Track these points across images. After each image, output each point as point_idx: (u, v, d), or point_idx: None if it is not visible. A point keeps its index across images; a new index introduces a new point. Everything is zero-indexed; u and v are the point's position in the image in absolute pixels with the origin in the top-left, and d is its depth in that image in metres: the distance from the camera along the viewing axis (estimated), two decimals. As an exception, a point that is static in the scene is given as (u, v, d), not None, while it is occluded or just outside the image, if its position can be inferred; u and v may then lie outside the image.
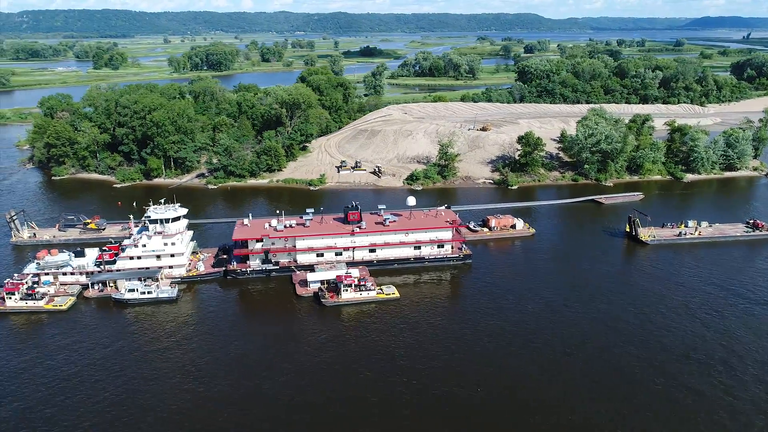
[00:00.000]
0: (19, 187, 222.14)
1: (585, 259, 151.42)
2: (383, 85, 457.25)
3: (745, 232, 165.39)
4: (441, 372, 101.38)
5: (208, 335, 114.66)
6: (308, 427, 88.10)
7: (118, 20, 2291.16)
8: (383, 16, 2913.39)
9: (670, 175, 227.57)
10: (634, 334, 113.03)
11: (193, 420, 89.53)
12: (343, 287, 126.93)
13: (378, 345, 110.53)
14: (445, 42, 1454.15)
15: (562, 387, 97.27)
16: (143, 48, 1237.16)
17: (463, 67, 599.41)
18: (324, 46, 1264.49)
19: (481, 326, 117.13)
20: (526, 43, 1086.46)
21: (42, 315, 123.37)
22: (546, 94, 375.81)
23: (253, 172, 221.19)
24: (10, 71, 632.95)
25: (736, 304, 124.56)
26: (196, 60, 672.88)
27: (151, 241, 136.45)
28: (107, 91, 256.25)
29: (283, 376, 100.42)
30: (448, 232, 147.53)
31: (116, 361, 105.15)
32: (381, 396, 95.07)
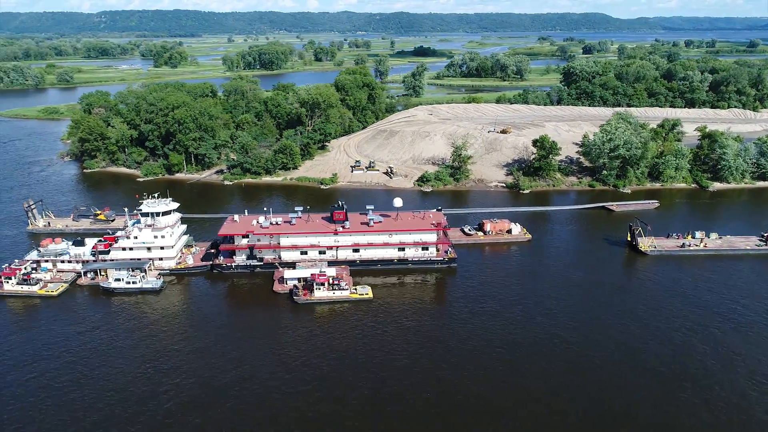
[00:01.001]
0: (53, 178, 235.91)
1: (578, 268, 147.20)
2: (423, 85, 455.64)
3: (756, 246, 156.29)
4: (396, 373, 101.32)
5: (178, 326, 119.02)
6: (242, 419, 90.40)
7: (188, 20, 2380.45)
8: (445, 15, 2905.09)
9: (695, 183, 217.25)
10: (605, 347, 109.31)
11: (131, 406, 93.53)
12: (316, 286, 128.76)
13: (337, 343, 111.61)
14: (504, 42, 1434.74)
15: (515, 394, 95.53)
16: (207, 47, 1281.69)
17: (511, 68, 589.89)
18: (380, 45, 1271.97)
19: (448, 330, 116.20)
20: (586, 43, 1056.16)
21: (36, 300, 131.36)
22: (585, 96, 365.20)
23: (268, 169, 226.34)
24: (76, 69, 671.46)
25: (716, 326, 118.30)
26: (249, 59, 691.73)
27: (141, 233, 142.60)
28: (142, 89, 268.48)
29: (235, 369, 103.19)
30: (433, 234, 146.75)
31: (78, 343, 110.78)
32: (329, 392, 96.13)
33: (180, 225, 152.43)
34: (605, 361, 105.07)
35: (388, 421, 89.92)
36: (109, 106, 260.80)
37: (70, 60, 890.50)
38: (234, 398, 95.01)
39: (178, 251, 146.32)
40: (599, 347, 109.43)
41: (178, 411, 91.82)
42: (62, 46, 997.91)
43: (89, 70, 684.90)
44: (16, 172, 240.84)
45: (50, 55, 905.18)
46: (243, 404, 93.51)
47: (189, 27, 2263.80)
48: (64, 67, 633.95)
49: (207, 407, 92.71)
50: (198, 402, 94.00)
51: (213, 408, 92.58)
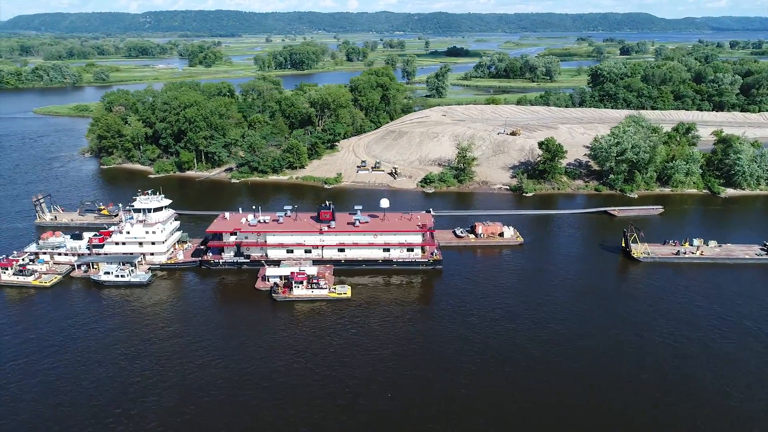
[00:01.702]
0: (72, 174, 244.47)
1: (567, 273, 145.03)
2: (446, 86, 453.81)
3: (756, 255, 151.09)
4: (357, 373, 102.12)
5: (157, 319, 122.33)
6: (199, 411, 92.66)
7: (229, 20, 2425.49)
8: (485, 15, 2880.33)
9: (707, 188, 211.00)
10: (573, 357, 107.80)
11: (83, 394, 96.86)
12: (294, 284, 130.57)
13: (301, 339, 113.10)
14: (542, 43, 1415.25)
15: (478, 397, 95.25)
16: (244, 46, 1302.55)
17: (540, 69, 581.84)
18: (415, 46, 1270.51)
19: (418, 331, 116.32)
20: (624, 44, 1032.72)
21: (30, 290, 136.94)
22: (608, 98, 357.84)
23: (274, 168, 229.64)
24: (114, 68, 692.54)
25: (690, 337, 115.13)
26: (280, 59, 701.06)
27: (133, 228, 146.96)
28: (165, 88, 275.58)
29: (200, 359, 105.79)
30: (418, 236, 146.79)
31: (61, 332, 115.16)
32: (280, 387, 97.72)
33: (173, 221, 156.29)
34: (577, 370, 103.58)
35: (342, 420, 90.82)
36: (128, 104, 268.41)
37: (112, 59, 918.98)
38: (199, 391, 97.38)
39: (169, 247, 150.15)
40: (573, 356, 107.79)
41: (138, 397, 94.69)
42: (105, 45, 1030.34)
43: (126, 69, 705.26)
44: (37, 167, 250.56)
45: (93, 54, 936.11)
46: (204, 396, 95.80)
47: (230, 27, 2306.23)
48: (101, 66, 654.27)
49: (169, 396, 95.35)
50: (161, 390, 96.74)
51: (173, 398, 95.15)
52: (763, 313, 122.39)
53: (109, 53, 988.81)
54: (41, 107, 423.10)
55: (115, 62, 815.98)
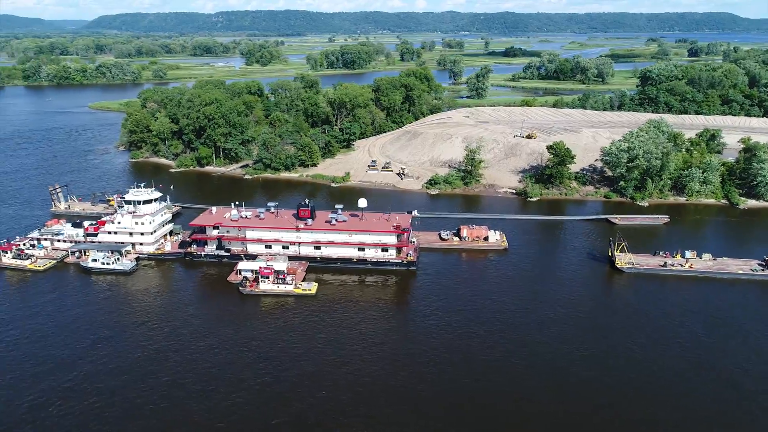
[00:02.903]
0: (103, 166, 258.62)
1: (545, 281, 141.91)
2: (486, 87, 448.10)
3: (752, 270, 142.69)
4: (291, 368, 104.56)
5: (126, 304, 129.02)
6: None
7: (296, 20, 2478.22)
8: (553, 15, 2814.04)
9: (725, 198, 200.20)
10: (525, 365, 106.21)
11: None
12: (261, 279, 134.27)
13: (251, 331, 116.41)
14: (609, 44, 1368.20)
15: (423, 399, 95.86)
16: (306, 46, 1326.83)
17: (591, 71, 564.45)
18: (474, 46, 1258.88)
19: (372, 333, 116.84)
20: (694, 45, 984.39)
21: (26, 273, 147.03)
22: (648, 102, 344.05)
23: (287, 166, 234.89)
24: (175, 66, 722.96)
25: (647, 353, 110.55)
26: (332, 58, 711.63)
27: (123, 219, 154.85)
28: (195, 86, 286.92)
29: (155, 344, 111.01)
30: (392, 236, 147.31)
31: (36, 310, 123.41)
32: (206, 375, 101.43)
33: (164, 214, 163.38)
34: (526, 379, 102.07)
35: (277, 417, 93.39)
36: (159, 101, 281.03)
37: (178, 57, 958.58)
38: (146, 375, 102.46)
39: (157, 238, 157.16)
40: (523, 365, 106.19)
41: (80, 383, 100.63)
42: (172, 44, 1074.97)
43: (186, 67, 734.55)
44: (72, 159, 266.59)
45: (160, 52, 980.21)
46: (148, 378, 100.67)
47: (297, 27, 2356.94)
48: (161, 64, 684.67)
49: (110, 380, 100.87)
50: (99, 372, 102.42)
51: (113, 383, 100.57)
52: (736, 334, 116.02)
53: (175, 52, 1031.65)
54: (95, 102, 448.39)
55: (179, 60, 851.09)
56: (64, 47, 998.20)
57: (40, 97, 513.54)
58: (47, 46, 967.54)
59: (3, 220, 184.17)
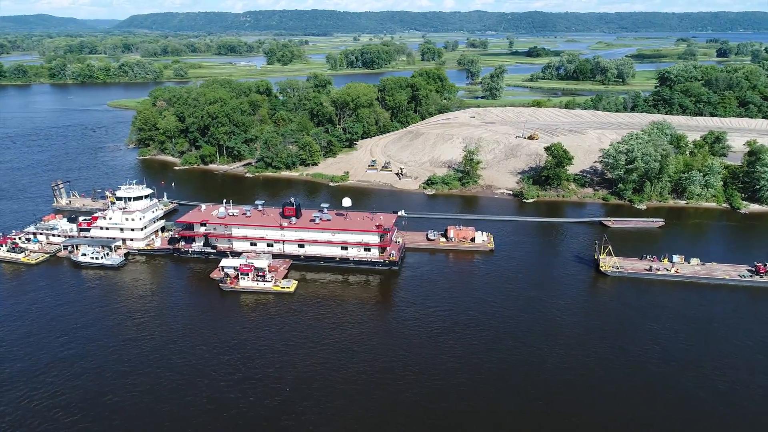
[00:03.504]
0: (111, 163, 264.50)
1: (527, 283, 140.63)
2: (500, 87, 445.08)
3: (739, 276, 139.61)
4: (250, 363, 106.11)
5: (108, 297, 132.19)
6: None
7: (323, 19, 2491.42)
8: (583, 15, 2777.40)
9: (727, 202, 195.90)
10: (486, 366, 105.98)
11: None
12: (240, 276, 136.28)
13: (221, 329, 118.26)
14: (637, 44, 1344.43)
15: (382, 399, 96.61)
16: (330, 45, 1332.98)
17: (611, 72, 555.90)
18: (498, 46, 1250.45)
19: (345, 331, 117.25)
20: (723, 45, 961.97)
21: (20, 265, 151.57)
22: (662, 103, 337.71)
23: (287, 164, 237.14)
24: (197, 65, 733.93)
25: (623, 362, 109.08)
26: (351, 58, 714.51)
27: (114, 215, 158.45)
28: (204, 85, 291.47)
29: (127, 334, 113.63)
30: (374, 236, 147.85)
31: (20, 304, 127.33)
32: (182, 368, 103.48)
33: (156, 210, 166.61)
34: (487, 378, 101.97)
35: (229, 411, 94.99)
36: (169, 99, 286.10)
37: (203, 56, 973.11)
38: (115, 363, 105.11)
39: (147, 234, 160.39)
40: (485, 365, 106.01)
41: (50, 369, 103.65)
42: (197, 43, 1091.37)
43: (209, 66, 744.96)
44: (82, 156, 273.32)
45: (185, 52, 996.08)
46: (119, 366, 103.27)
47: (324, 26, 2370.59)
48: (184, 63, 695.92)
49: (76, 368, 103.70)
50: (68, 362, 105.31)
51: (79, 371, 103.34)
52: (710, 339, 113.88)
53: (200, 51, 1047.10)
54: (114, 101, 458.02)
55: (202, 60, 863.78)
56: (93, 46, 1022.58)
57: (64, 95, 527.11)
58: (77, 45, 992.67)
59: (7, 214, 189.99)
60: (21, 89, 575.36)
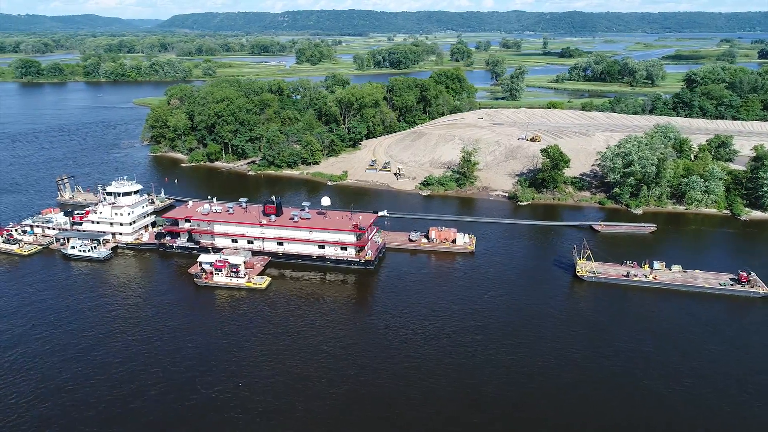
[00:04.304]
0: (123, 159, 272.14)
1: (502, 286, 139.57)
2: (521, 88, 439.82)
3: (720, 285, 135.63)
4: (209, 363, 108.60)
5: (88, 289, 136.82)
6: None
7: (360, 19, 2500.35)
8: (624, 15, 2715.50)
9: (729, 209, 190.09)
10: (437, 370, 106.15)
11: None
12: (215, 271, 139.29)
13: (187, 322, 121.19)
14: (678, 44, 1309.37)
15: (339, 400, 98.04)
16: (365, 45, 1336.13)
17: (640, 73, 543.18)
18: (532, 46, 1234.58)
19: (309, 329, 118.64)
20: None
21: (14, 256, 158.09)
22: (682, 106, 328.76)
23: (289, 163, 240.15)
24: (228, 64, 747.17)
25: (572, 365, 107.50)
26: (378, 58, 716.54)
27: (104, 209, 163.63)
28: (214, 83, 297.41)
29: (95, 328, 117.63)
30: (351, 235, 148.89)
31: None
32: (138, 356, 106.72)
33: (145, 206, 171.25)
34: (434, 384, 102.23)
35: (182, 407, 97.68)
36: (179, 97, 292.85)
37: (235, 56, 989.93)
38: (82, 351, 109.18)
39: (136, 228, 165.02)
40: (436, 370, 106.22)
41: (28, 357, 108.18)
42: (231, 43, 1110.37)
43: (239, 65, 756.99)
44: (97, 152, 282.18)
45: (219, 51, 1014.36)
46: (90, 353, 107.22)
47: (360, 26, 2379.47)
48: (214, 62, 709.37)
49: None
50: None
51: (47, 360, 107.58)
52: (674, 348, 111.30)
53: (234, 50, 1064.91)
54: (139, 98, 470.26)
55: (233, 59, 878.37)
56: (132, 46, 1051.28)
57: (95, 92, 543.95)
58: (116, 45, 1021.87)
59: (13, 206, 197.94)
60: (57, 87, 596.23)
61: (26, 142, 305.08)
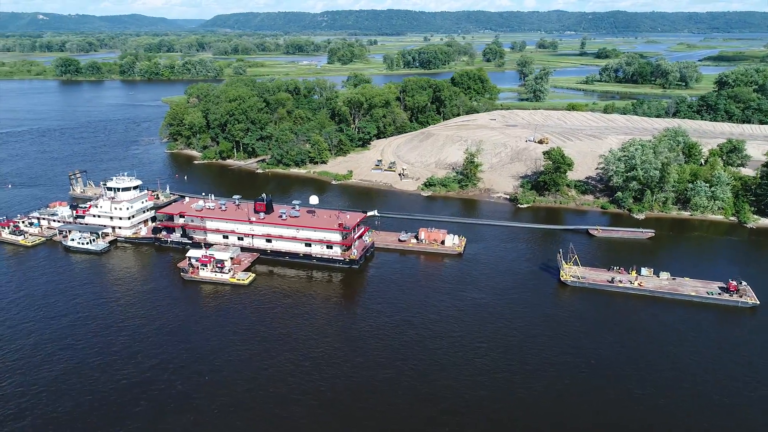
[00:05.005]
0: (141, 155, 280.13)
1: (482, 289, 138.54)
2: (545, 89, 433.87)
3: (707, 294, 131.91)
4: (186, 357, 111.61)
5: (81, 279, 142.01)
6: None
7: (398, 19, 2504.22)
8: (670, 14, 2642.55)
9: (735, 216, 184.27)
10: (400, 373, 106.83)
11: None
12: (200, 266, 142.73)
13: (165, 314, 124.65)
14: (723, 45, 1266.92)
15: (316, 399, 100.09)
16: (400, 45, 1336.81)
17: (673, 75, 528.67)
18: (569, 47, 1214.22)
19: (282, 326, 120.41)
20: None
21: (19, 247, 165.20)
22: (706, 109, 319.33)
23: (297, 162, 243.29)
24: (260, 63, 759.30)
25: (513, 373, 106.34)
26: (408, 58, 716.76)
27: (104, 204, 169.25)
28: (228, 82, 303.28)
29: (71, 315, 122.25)
30: (336, 234, 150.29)
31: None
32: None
33: (144, 201, 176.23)
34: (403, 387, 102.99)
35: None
36: (197, 95, 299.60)
37: (270, 55, 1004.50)
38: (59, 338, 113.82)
39: (134, 223, 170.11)
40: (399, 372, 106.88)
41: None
42: (266, 43, 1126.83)
43: (270, 65, 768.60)
44: (116, 148, 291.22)
45: (254, 50, 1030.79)
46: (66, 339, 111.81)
47: (399, 26, 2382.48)
48: (246, 62, 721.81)
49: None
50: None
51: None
52: (641, 359, 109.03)
53: (269, 50, 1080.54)
54: (168, 96, 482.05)
55: (266, 59, 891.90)
56: (171, 45, 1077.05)
57: (127, 90, 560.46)
58: (156, 44, 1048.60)
59: (29, 199, 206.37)
60: (94, 84, 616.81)
61: (53, 138, 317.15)
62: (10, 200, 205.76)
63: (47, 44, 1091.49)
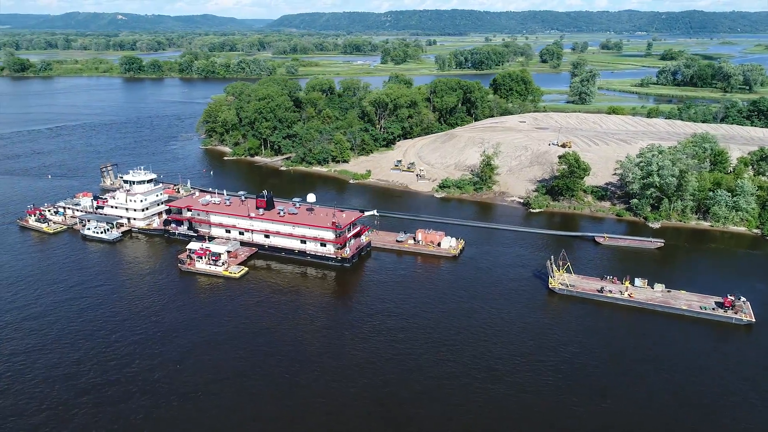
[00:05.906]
0: (177, 150, 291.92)
1: (471, 294, 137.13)
2: (592, 92, 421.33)
3: (701, 308, 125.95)
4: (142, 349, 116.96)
5: (89, 266, 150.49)
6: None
7: (462, 19, 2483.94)
8: (751, 14, 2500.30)
9: (759, 228, 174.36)
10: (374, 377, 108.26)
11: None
12: (196, 259, 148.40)
13: (152, 302, 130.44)
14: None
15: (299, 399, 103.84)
16: (459, 45, 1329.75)
17: (735, 78, 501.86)
18: (635, 48, 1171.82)
19: (262, 319, 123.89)
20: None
21: (42, 233, 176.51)
22: (757, 115, 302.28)
23: (319, 160, 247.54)
24: (314, 63, 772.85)
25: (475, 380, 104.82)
26: (460, 59, 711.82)
27: (120, 196, 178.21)
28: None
29: (78, 304, 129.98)
30: (329, 232, 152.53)
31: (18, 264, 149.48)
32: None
33: (159, 194, 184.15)
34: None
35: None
36: (234, 93, 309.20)
37: (327, 55, 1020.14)
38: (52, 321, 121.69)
39: (148, 215, 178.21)
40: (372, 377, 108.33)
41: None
42: (325, 43, 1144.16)
43: (325, 64, 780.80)
44: (155, 143, 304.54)
45: (313, 50, 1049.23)
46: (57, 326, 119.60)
47: (462, 26, 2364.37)
48: (300, 61, 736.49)
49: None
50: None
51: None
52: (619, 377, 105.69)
53: (327, 49, 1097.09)
54: (217, 94, 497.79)
55: (321, 58, 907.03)
56: (234, 44, 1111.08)
57: (183, 88, 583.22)
58: (219, 43, 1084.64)
59: (59, 190, 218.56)
60: (155, 82, 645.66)
61: (101, 132, 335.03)
62: (46, 190, 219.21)
63: (120, 43, 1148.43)
